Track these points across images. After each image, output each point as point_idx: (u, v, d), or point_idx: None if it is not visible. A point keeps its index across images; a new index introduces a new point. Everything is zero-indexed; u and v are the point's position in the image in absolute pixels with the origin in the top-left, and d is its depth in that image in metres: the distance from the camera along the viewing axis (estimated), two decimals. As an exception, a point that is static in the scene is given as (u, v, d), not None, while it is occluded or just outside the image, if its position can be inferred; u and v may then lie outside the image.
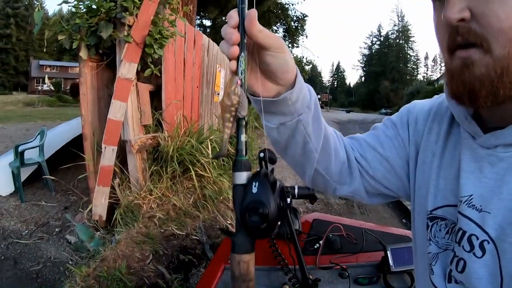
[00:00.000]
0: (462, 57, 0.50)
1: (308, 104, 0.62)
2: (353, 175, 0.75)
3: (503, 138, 0.51)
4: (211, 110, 5.77)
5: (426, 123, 0.70)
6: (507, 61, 0.46)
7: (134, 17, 2.97)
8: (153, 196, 2.90)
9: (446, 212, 0.60)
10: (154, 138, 3.30)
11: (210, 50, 5.50)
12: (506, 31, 0.45)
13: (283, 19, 17.30)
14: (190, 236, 2.63)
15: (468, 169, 0.56)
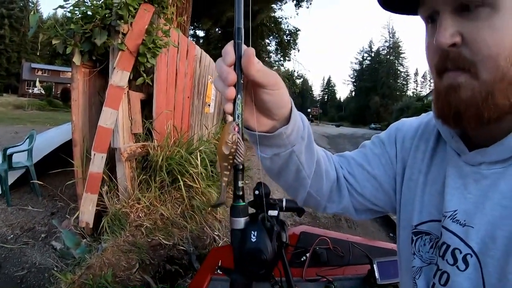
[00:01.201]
0: (450, 80, 0.52)
1: (302, 134, 0.63)
2: (342, 193, 0.77)
3: (488, 156, 0.54)
4: (201, 121, 5.78)
5: (413, 141, 0.73)
6: (492, 86, 0.49)
7: (128, 25, 2.99)
8: (141, 205, 2.88)
9: (431, 227, 0.63)
10: (143, 147, 3.29)
11: (202, 61, 5.54)
12: (494, 58, 0.48)
13: (276, 32, 17.51)
14: (177, 246, 2.62)
15: (453, 185, 0.59)
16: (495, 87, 0.49)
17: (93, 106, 3.15)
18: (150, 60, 3.26)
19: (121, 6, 2.88)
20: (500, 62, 0.48)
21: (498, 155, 0.53)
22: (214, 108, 6.97)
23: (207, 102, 6.16)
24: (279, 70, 20.42)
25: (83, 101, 3.06)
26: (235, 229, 0.57)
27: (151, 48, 3.24)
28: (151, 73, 3.47)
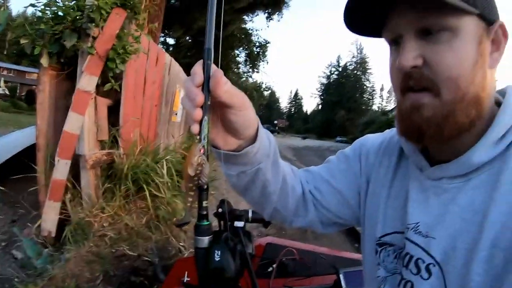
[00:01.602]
0: (413, 100, 0.56)
1: (267, 152, 0.65)
2: (308, 207, 0.79)
3: (448, 171, 0.58)
4: (168, 130, 5.70)
5: (377, 156, 0.77)
6: (453, 105, 0.53)
7: (99, 29, 2.93)
8: (105, 214, 2.79)
9: (394, 238, 0.66)
10: (109, 155, 3.20)
11: (171, 69, 5.50)
12: (455, 79, 0.52)
13: (246, 44, 17.68)
14: (142, 257, 2.55)
15: (415, 198, 0.62)
16: (456, 107, 0.53)
17: (59, 110, 3.03)
18: (119, 66, 3.20)
19: (93, 9, 2.81)
20: (460, 83, 0.52)
21: (457, 170, 0.57)
22: (181, 117, 6.91)
23: (174, 111, 6.09)
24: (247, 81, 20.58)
25: (49, 105, 2.94)
26: (199, 248, 0.59)
27: (121, 53, 3.18)
28: (119, 79, 3.40)
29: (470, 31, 0.53)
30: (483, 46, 0.54)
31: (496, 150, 0.54)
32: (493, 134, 0.54)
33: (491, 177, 0.53)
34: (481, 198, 0.53)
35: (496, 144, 0.54)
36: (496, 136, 0.54)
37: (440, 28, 0.52)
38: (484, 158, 0.54)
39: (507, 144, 0.53)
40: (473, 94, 0.53)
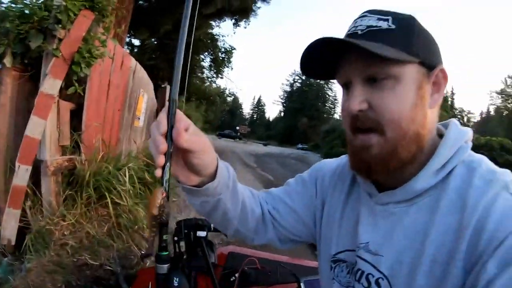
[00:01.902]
0: (362, 140, 0.64)
1: (227, 183, 0.74)
2: (267, 226, 0.87)
3: (394, 197, 0.66)
4: (131, 135, 5.59)
5: (332, 180, 0.85)
6: (396, 142, 0.62)
7: (66, 31, 2.85)
8: (66, 222, 2.70)
9: (347, 255, 0.74)
10: (70, 161, 3.10)
11: (136, 73, 5.41)
12: (397, 120, 0.61)
13: (212, 49, 17.62)
14: (104, 266, 2.50)
15: (365, 221, 0.71)
16: (399, 144, 0.62)
17: (21, 113, 2.89)
18: (84, 69, 3.12)
19: (61, 10, 2.73)
20: (401, 123, 0.61)
21: (402, 196, 0.65)
22: (144, 122, 6.79)
23: (137, 115, 5.99)
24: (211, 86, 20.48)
25: (11, 107, 2.81)
26: (160, 273, 0.69)
27: (86, 57, 3.12)
28: (83, 83, 3.32)
29: (411, 78, 0.61)
30: (423, 89, 0.63)
31: (436, 178, 0.62)
32: (434, 164, 0.62)
33: (432, 202, 0.62)
34: (423, 220, 0.61)
35: (436, 173, 0.62)
36: (436, 166, 0.62)
37: (384, 76, 0.61)
38: (426, 185, 0.62)
39: (446, 173, 0.62)
40: (413, 132, 0.62)
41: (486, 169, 0.60)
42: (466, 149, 0.64)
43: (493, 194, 0.55)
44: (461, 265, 0.53)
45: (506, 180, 0.57)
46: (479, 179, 0.58)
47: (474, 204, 0.55)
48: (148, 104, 7.06)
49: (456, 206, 0.58)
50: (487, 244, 0.51)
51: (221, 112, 27.94)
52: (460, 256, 0.54)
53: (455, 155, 0.63)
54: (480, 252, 0.52)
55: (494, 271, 0.49)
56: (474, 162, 0.62)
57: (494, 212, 0.53)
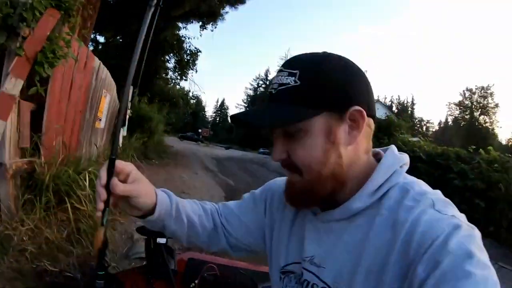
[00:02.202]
0: (289, 177, 0.79)
1: (169, 213, 0.88)
2: (220, 237, 1.00)
3: (334, 216, 0.76)
4: (91, 138, 5.44)
5: (282, 198, 0.94)
6: (312, 183, 0.73)
7: (30, 29, 2.75)
8: (25, 227, 2.60)
9: (294, 267, 0.84)
10: (30, 163, 2.99)
11: (99, 73, 5.30)
12: (308, 165, 0.72)
13: (177, 51, 17.39)
14: (64, 272, 2.44)
15: (310, 237, 0.81)
16: (314, 183, 0.73)
17: None
18: (47, 70, 3.04)
19: (26, 8, 2.64)
20: (313, 167, 0.71)
21: (341, 215, 0.74)
22: (105, 123, 6.64)
23: (99, 117, 5.86)
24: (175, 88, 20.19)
25: None
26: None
27: (50, 58, 3.03)
28: (45, 84, 3.23)
29: (319, 129, 0.71)
30: (334, 134, 0.71)
31: (371, 199, 0.71)
32: (368, 187, 0.71)
33: (368, 220, 0.70)
34: (360, 236, 0.70)
35: (371, 195, 0.71)
36: (371, 189, 0.71)
37: (295, 130, 0.71)
38: (361, 205, 0.71)
39: (380, 195, 0.71)
40: (328, 173, 0.72)
41: (417, 191, 0.69)
42: (400, 173, 0.74)
43: (420, 211, 0.64)
44: (393, 275, 0.61)
45: (433, 198, 0.66)
46: (409, 200, 0.67)
47: (403, 221, 0.64)
48: (110, 105, 6.91)
49: (388, 223, 0.66)
50: (416, 253, 0.59)
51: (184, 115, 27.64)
52: (391, 266, 0.62)
53: (389, 179, 0.72)
54: (410, 261, 0.59)
55: (423, 275, 0.56)
56: (407, 184, 0.71)
57: (420, 226, 0.61)
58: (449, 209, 0.65)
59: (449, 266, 0.55)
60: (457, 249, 0.56)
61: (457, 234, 0.58)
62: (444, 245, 0.57)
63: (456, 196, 8.16)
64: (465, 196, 8.18)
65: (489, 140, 46.04)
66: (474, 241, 0.59)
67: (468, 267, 0.54)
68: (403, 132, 13.20)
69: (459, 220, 0.62)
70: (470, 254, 0.55)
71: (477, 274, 0.53)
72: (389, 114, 15.62)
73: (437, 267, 0.55)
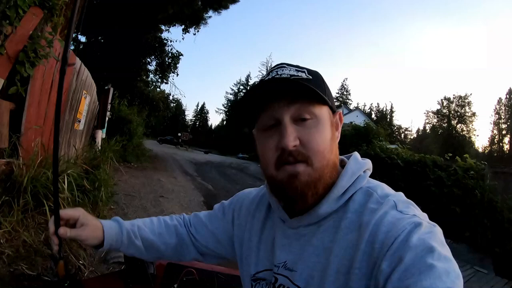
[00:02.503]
0: (290, 171, 0.73)
1: (120, 241, 0.99)
2: (188, 247, 1.07)
3: (303, 222, 0.80)
4: (70, 139, 5.34)
5: (250, 209, 1.00)
6: (322, 170, 0.74)
7: (13, 27, 2.71)
8: (2, 230, 2.52)
9: (265, 274, 0.87)
10: (8, 164, 2.92)
11: (80, 74, 5.23)
12: (321, 152, 0.73)
13: (159, 53, 17.22)
14: (42, 276, 2.38)
15: (281, 243, 0.84)
16: (323, 171, 0.74)
17: None
18: (28, 69, 3.00)
19: (10, 5, 2.60)
20: (325, 155, 0.74)
21: (309, 220, 0.77)
22: (84, 125, 6.52)
23: (78, 118, 5.76)
24: (155, 91, 19.97)
25: None
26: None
27: (31, 57, 2.99)
28: (26, 83, 3.17)
29: (327, 118, 0.76)
30: (333, 127, 0.78)
31: (337, 204, 0.75)
32: (334, 193, 0.75)
33: (335, 223, 0.74)
34: (328, 238, 0.73)
35: (337, 200, 0.75)
36: (336, 194, 0.75)
37: (310, 116, 0.73)
38: (328, 210, 0.75)
39: (346, 199, 0.75)
40: (332, 161, 0.76)
41: (380, 194, 0.73)
42: (364, 178, 0.78)
43: (383, 212, 0.68)
44: (360, 273, 0.64)
45: (395, 200, 0.70)
46: (373, 203, 0.71)
47: (367, 222, 0.67)
48: (90, 107, 6.81)
49: (354, 226, 0.70)
50: (380, 251, 0.62)
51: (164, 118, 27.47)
52: (358, 265, 0.65)
53: (353, 184, 0.76)
54: (375, 259, 0.63)
55: (388, 270, 0.59)
56: (371, 188, 0.75)
57: (383, 226, 0.65)
58: (410, 209, 0.69)
59: (411, 261, 0.58)
60: (419, 245, 0.59)
61: (418, 231, 0.62)
62: (406, 242, 0.60)
63: (433, 202, 8.39)
64: (441, 202, 8.40)
65: (466, 148, 47.18)
66: (435, 237, 0.62)
67: (429, 260, 0.57)
68: (382, 139, 13.41)
69: (420, 219, 0.65)
70: (431, 249, 0.58)
71: (438, 267, 0.56)
72: (368, 121, 15.84)
73: (401, 263, 0.58)
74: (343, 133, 14.27)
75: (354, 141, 13.29)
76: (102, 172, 4.82)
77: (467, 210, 8.01)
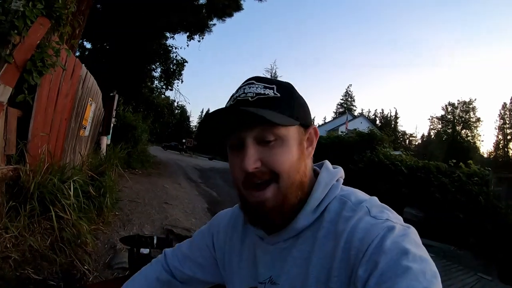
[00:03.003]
0: (257, 197, 0.75)
1: None
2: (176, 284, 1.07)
3: (281, 237, 0.81)
4: (76, 146, 5.41)
5: (227, 230, 1.00)
6: (286, 190, 0.74)
7: (21, 37, 2.78)
8: (8, 234, 2.58)
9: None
10: (15, 170, 2.98)
11: (85, 82, 5.31)
12: (286, 172, 0.74)
13: (163, 60, 17.35)
14: (47, 281, 2.43)
15: (263, 261, 0.85)
16: (288, 191, 0.74)
17: None
18: (35, 78, 3.07)
19: (18, 16, 2.68)
20: (290, 173, 0.74)
21: (288, 235, 0.78)
22: (89, 131, 6.60)
23: (83, 125, 5.83)
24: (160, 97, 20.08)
25: None
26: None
27: (39, 66, 3.06)
28: (33, 92, 3.24)
29: (294, 137, 0.76)
30: (302, 145, 0.78)
31: (314, 216, 0.76)
32: (310, 205, 0.76)
33: (312, 234, 0.75)
34: (307, 249, 0.74)
35: (313, 212, 0.76)
36: (312, 206, 0.76)
37: (274, 138, 0.73)
38: (305, 223, 0.76)
39: (321, 210, 0.76)
40: (298, 181, 0.76)
41: (354, 202, 0.74)
42: (337, 187, 0.79)
43: (357, 219, 0.69)
44: (339, 281, 0.66)
45: (368, 206, 0.72)
46: (347, 211, 0.72)
47: (342, 230, 0.69)
48: (95, 113, 6.89)
49: (331, 235, 0.72)
50: (355, 258, 0.64)
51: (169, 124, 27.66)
52: (336, 273, 0.67)
53: (327, 194, 0.77)
54: (351, 266, 0.64)
55: (364, 276, 0.60)
56: (345, 196, 0.76)
57: (357, 233, 0.66)
58: (384, 214, 0.70)
59: (387, 265, 0.59)
60: (393, 248, 0.61)
61: (391, 235, 0.64)
62: (380, 247, 0.62)
63: (437, 208, 8.34)
64: (445, 208, 8.36)
65: (471, 153, 46.82)
66: (408, 239, 0.64)
67: (404, 262, 0.58)
68: (386, 145, 13.36)
69: (393, 222, 0.67)
70: (405, 251, 0.60)
71: (414, 268, 0.58)
72: (372, 128, 15.78)
73: (376, 267, 0.60)
74: (347, 140, 14.34)
75: (358, 147, 13.24)
76: (107, 178, 4.87)
77: (471, 216, 7.96)
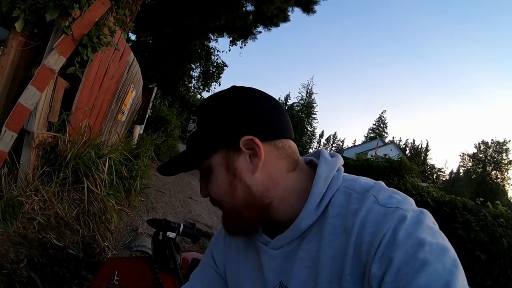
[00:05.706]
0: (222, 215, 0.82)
1: None
2: None
3: (285, 240, 0.76)
4: (112, 129, 5.54)
5: (224, 241, 0.96)
6: (232, 213, 0.78)
7: (82, 11, 2.88)
8: (38, 197, 2.64)
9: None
10: (55, 138, 3.06)
11: (131, 68, 5.44)
12: (222, 199, 0.77)
13: (204, 61, 17.67)
14: (67, 249, 2.45)
15: (270, 267, 0.80)
16: (234, 213, 0.77)
17: (18, 79, 2.84)
18: (89, 53, 3.16)
19: None
20: (225, 200, 0.76)
21: (291, 236, 0.75)
22: (126, 117, 6.76)
23: (122, 109, 5.97)
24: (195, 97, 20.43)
25: (9, 70, 2.75)
26: None
27: (95, 42, 3.15)
28: (84, 66, 3.34)
29: (219, 163, 0.75)
30: (234, 166, 0.74)
31: (317, 213, 0.71)
32: (311, 203, 0.72)
33: (318, 232, 0.71)
34: (314, 249, 0.70)
35: (316, 209, 0.71)
36: (314, 203, 0.71)
37: (205, 171, 0.78)
38: (309, 222, 0.72)
39: (324, 206, 0.71)
40: (241, 203, 0.75)
41: (359, 191, 0.70)
42: (338, 178, 0.74)
43: (365, 211, 0.64)
44: (352, 279, 0.62)
45: (375, 194, 0.67)
46: (353, 203, 0.68)
47: (352, 225, 0.64)
48: (134, 101, 7.05)
49: (338, 231, 0.67)
50: (367, 254, 0.60)
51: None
52: (348, 272, 0.62)
53: (329, 188, 0.72)
54: (364, 263, 0.60)
55: (379, 274, 0.56)
56: (348, 187, 0.72)
57: (368, 227, 0.62)
58: (393, 200, 0.65)
59: (402, 260, 0.55)
60: (407, 241, 0.57)
61: (404, 225, 0.59)
62: (393, 240, 0.58)
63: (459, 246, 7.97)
64: (466, 247, 8.00)
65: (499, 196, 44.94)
66: (422, 227, 0.59)
67: (421, 255, 0.54)
68: (414, 175, 12.99)
69: (404, 210, 0.62)
70: (420, 242, 0.56)
71: (432, 260, 0.53)
72: (402, 156, 15.41)
73: (391, 264, 0.56)
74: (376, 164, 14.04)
75: (386, 173, 12.94)
76: (140, 162, 4.93)
77: (492, 258, 7.57)
